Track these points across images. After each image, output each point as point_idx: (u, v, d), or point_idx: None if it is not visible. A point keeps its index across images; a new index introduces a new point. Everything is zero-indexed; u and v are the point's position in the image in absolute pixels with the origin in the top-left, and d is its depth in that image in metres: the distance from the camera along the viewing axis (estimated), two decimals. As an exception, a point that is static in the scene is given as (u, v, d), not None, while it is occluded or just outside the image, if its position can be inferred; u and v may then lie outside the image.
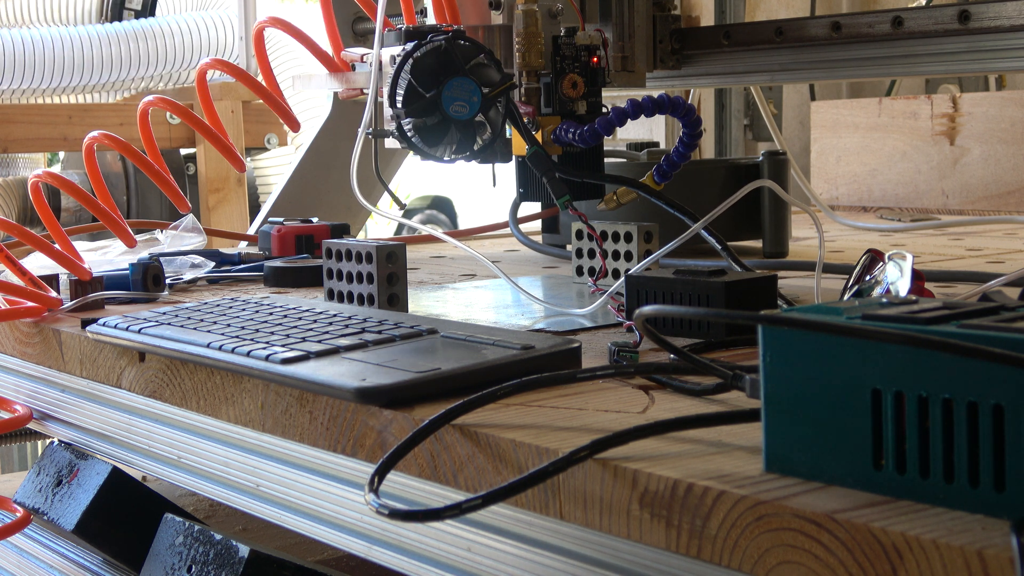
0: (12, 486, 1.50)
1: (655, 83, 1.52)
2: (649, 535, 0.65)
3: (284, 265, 1.49)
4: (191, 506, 1.52)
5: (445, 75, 1.15)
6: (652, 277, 1.09)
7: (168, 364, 1.09)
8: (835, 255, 1.69)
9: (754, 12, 3.18)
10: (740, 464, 0.66)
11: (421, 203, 8.24)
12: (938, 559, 0.53)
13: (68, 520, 1.25)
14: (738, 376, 0.72)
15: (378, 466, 0.74)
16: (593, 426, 0.75)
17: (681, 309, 1.07)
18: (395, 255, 1.18)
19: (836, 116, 2.62)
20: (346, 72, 1.52)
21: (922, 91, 3.12)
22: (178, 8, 3.56)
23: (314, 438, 0.91)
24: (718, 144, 3.20)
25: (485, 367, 0.86)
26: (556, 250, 1.73)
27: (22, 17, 3.40)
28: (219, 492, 1.07)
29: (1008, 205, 2.34)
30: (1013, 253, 1.68)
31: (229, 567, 1.03)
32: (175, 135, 3.07)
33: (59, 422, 1.32)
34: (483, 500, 0.67)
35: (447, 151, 1.18)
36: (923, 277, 0.90)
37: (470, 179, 7.46)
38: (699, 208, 1.21)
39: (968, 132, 2.41)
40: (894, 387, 0.58)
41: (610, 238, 1.35)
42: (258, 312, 1.11)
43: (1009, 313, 0.61)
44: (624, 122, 1.22)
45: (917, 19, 1.26)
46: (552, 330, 1.10)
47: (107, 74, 3.32)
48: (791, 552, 0.58)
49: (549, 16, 1.32)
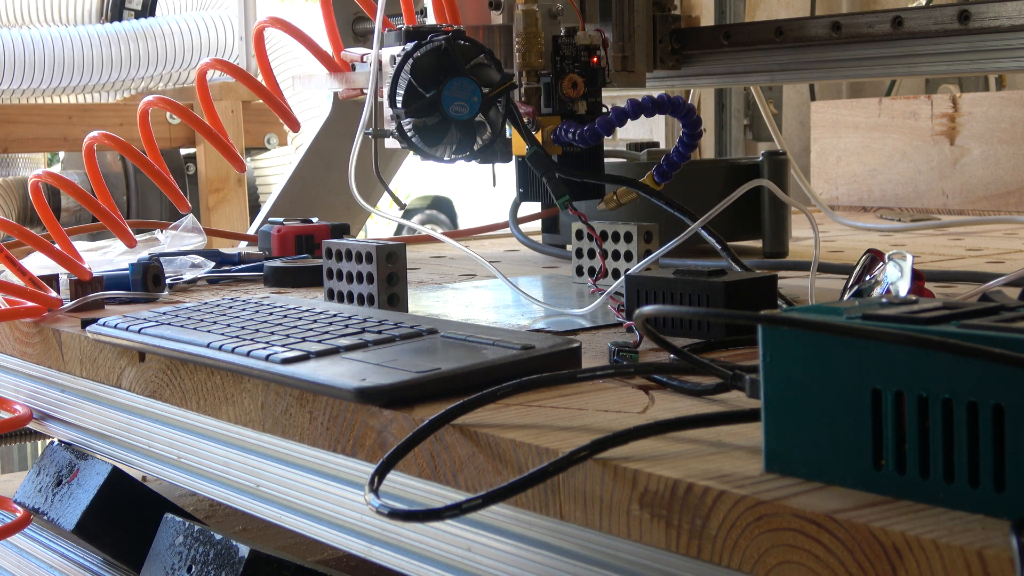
0: (12, 486, 1.50)
1: (655, 83, 1.52)
2: (649, 535, 0.65)
3: (284, 265, 1.49)
4: (191, 506, 1.52)
5: (445, 75, 1.15)
6: (652, 277, 1.09)
7: (168, 364, 1.09)
8: (835, 255, 1.69)
9: (754, 12, 3.18)
10: (740, 464, 0.66)
11: (421, 203, 8.24)
12: (938, 559, 0.53)
13: (68, 520, 1.25)
14: (738, 376, 0.72)
15: (378, 466, 0.74)
16: (593, 426, 0.75)
17: (681, 309, 1.07)
18: (395, 255, 1.18)
19: (836, 116, 2.62)
20: (346, 72, 1.52)
21: (922, 91, 3.12)
22: (178, 8, 3.56)
23: (314, 438, 0.91)
24: (718, 144, 3.20)
25: (485, 367, 0.86)
26: (556, 250, 1.73)
27: (22, 17, 3.40)
28: (219, 492, 1.07)
29: (1008, 205, 2.34)
30: (1013, 253, 1.68)
31: (229, 567, 1.03)
32: (175, 135, 3.07)
33: (59, 422, 1.32)
34: (483, 500, 0.67)
35: (447, 151, 1.18)
36: (923, 277, 0.90)
37: (470, 179, 7.46)
38: (699, 208, 1.21)
39: (968, 132, 2.41)
40: (894, 387, 0.58)
41: (610, 238, 1.35)
42: (258, 312, 1.11)
43: (1009, 313, 0.61)
44: (624, 122, 1.22)
45: (917, 19, 1.26)
46: (552, 330, 1.10)
47: (107, 74, 3.32)
48: (791, 552, 0.58)
49: (549, 16, 1.32)
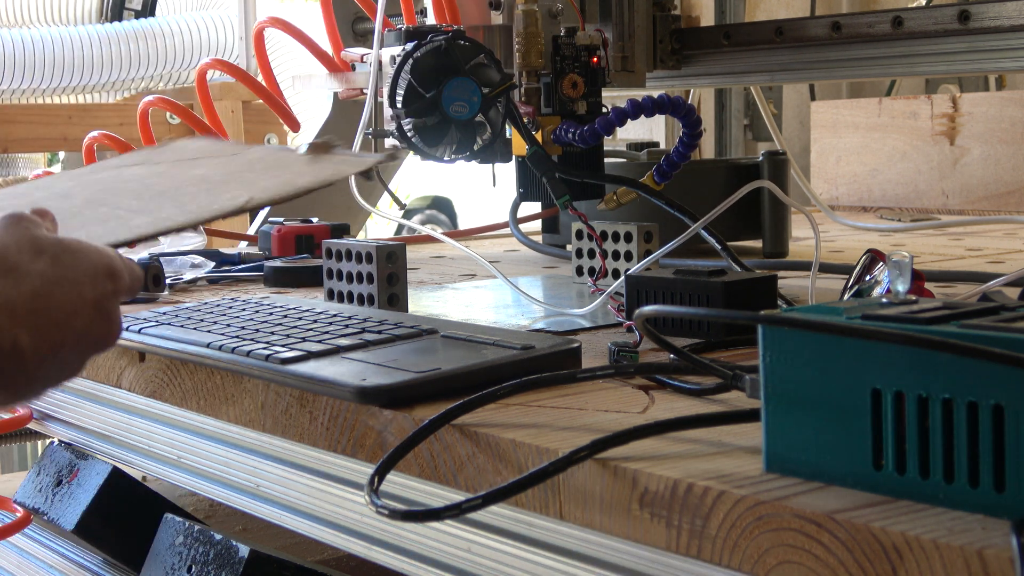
0: (12, 486, 1.50)
1: (655, 83, 1.52)
2: (649, 535, 0.65)
3: (284, 265, 1.49)
4: (191, 506, 1.52)
5: (445, 75, 1.15)
6: (652, 277, 1.09)
7: (168, 364, 1.09)
8: (835, 255, 1.69)
9: (754, 12, 3.18)
10: (740, 464, 0.66)
11: (421, 203, 8.24)
12: (938, 559, 0.53)
13: (68, 520, 1.25)
14: (738, 376, 0.72)
15: (378, 466, 0.74)
16: (593, 426, 0.75)
17: (681, 309, 1.07)
18: (395, 255, 1.18)
19: (836, 116, 2.62)
20: (346, 72, 1.52)
21: (922, 91, 3.12)
22: (178, 8, 3.56)
23: (314, 438, 0.91)
24: (718, 144, 3.20)
25: (485, 367, 0.86)
26: (556, 250, 1.73)
27: (22, 17, 3.40)
28: (219, 492, 1.07)
29: (1008, 205, 2.34)
30: (1013, 253, 1.68)
31: (229, 567, 1.03)
32: (175, 135, 3.07)
33: (59, 422, 1.32)
34: (483, 500, 0.67)
35: (447, 151, 1.18)
36: (923, 277, 0.90)
37: (470, 179, 7.45)
38: (699, 208, 1.21)
39: (968, 132, 2.41)
40: (894, 387, 0.58)
41: (610, 238, 1.35)
42: (258, 312, 1.11)
43: (1009, 313, 0.61)
44: (624, 122, 1.22)
45: (917, 19, 1.26)
46: (552, 330, 1.10)
47: (107, 74, 3.32)
48: (791, 552, 0.58)
49: (549, 16, 1.32)
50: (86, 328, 0.76)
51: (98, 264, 0.77)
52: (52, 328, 0.74)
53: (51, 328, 0.74)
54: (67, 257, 0.76)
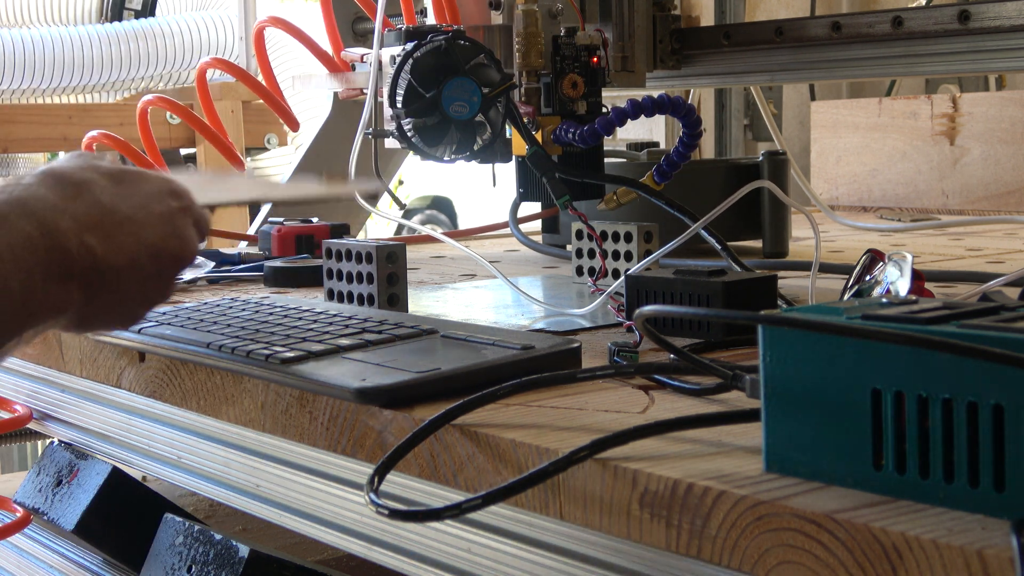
0: (12, 486, 1.50)
1: (655, 83, 1.52)
2: (649, 535, 0.65)
3: (284, 265, 1.49)
4: (191, 506, 1.52)
5: (445, 75, 1.15)
6: (652, 277, 1.09)
7: (168, 364, 1.09)
8: (835, 255, 1.69)
9: (754, 12, 3.18)
10: (740, 464, 0.66)
11: (421, 203, 8.24)
12: (938, 559, 0.53)
13: (68, 520, 1.25)
14: (738, 376, 0.72)
15: (378, 466, 0.74)
16: (593, 426, 0.75)
17: (681, 309, 1.07)
18: (395, 255, 1.18)
19: (836, 116, 2.62)
20: (346, 72, 1.52)
21: (922, 91, 3.12)
22: (178, 8, 3.56)
23: (314, 438, 0.91)
24: (718, 144, 3.20)
25: (485, 367, 0.86)
26: (556, 250, 1.73)
27: (22, 17, 3.40)
28: (219, 492, 1.07)
29: (1008, 205, 2.34)
30: (1013, 253, 1.68)
31: (229, 567, 1.03)
32: (175, 135, 3.08)
33: (59, 422, 1.32)
34: (483, 500, 0.67)
35: (447, 151, 1.18)
36: (923, 277, 0.90)
37: (470, 179, 7.46)
38: (699, 208, 1.21)
39: (968, 132, 2.41)
40: (894, 387, 0.58)
41: (610, 238, 1.35)
42: (258, 312, 1.11)
43: (1009, 313, 0.61)
44: (624, 122, 1.22)
45: (917, 19, 1.26)
46: (552, 330, 1.10)
47: (107, 74, 3.32)
48: (791, 552, 0.59)
49: (549, 16, 1.32)
50: (159, 242, 0.78)
51: (160, 184, 0.81)
52: (122, 237, 0.76)
53: (121, 237, 0.76)
54: (130, 176, 0.80)
